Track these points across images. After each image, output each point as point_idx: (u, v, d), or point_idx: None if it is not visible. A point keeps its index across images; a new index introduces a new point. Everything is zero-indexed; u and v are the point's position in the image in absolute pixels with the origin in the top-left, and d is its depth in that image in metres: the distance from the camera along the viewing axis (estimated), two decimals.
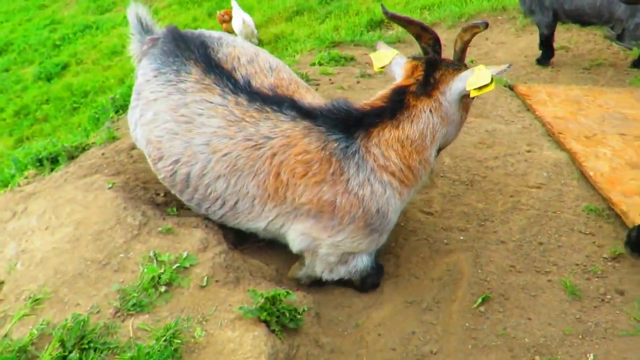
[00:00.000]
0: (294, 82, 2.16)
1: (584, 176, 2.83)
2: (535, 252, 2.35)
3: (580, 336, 1.93)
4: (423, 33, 1.89)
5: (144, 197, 2.33)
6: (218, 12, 8.06)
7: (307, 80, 4.13)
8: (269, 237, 2.13)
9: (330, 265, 2.04)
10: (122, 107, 4.19)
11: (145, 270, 1.80)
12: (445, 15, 6.38)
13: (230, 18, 7.67)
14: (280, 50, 7.11)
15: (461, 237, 2.47)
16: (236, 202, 1.96)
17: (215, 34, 2.29)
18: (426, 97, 1.89)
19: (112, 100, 4.35)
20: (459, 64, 1.93)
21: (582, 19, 4.33)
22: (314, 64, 4.74)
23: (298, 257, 2.13)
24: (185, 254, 1.91)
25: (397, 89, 1.94)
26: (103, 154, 2.82)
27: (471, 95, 1.83)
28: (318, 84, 4.07)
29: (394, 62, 2.02)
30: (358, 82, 4.13)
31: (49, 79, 8.80)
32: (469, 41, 1.87)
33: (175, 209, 2.32)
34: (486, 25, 1.77)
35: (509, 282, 2.20)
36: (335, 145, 1.85)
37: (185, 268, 1.87)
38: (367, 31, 6.70)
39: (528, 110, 3.69)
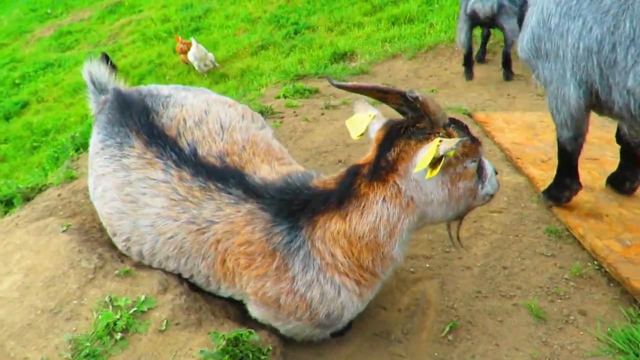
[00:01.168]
0: (250, 144, 1.95)
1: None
2: (499, 277, 2.37)
3: (547, 359, 1.93)
4: (384, 96, 1.60)
5: (102, 239, 2.25)
6: (177, 40, 8.34)
7: (272, 113, 4.16)
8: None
9: (297, 337, 1.93)
10: (82, 146, 4.09)
11: (100, 316, 1.71)
12: (405, 47, 6.61)
13: (189, 49, 7.86)
14: (246, 83, 7.18)
15: (427, 265, 2.47)
16: (191, 277, 1.92)
17: (164, 90, 2.17)
18: (379, 182, 1.58)
19: (72, 138, 4.25)
20: (430, 130, 1.54)
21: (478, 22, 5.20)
22: (278, 97, 4.79)
23: None
24: (143, 297, 1.83)
25: (350, 170, 1.67)
26: (59, 194, 2.72)
27: (428, 176, 1.50)
28: (283, 117, 4.10)
29: (370, 128, 1.69)
30: (322, 114, 4.18)
31: (7, 118, 8.58)
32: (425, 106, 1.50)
33: None
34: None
35: (475, 308, 2.20)
36: (280, 238, 1.64)
37: (143, 312, 1.79)
38: (331, 63, 6.87)
39: (487, 136, 3.80)
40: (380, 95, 1.60)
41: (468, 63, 5.49)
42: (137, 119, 1.96)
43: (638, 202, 2.78)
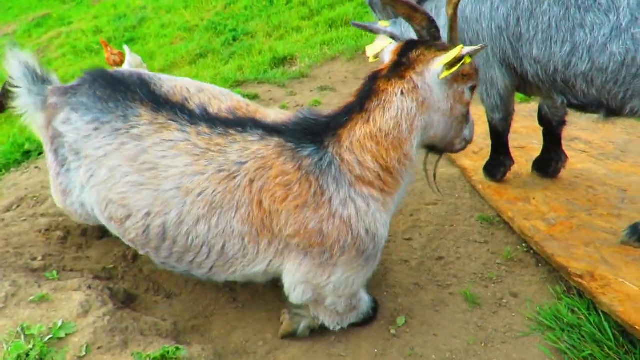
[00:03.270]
0: (251, 104, 1.99)
1: (474, 189, 2.99)
2: (436, 267, 2.41)
3: (482, 344, 1.97)
4: (413, 14, 1.68)
5: (17, 264, 2.08)
6: (106, 48, 7.39)
7: None
8: (266, 280, 1.92)
9: (340, 316, 1.93)
10: (4, 167, 3.82)
11: (9, 348, 1.57)
12: (343, 49, 6.68)
13: (122, 59, 7.29)
14: None
15: None
16: (223, 246, 1.74)
17: (149, 72, 2.07)
18: (398, 78, 1.68)
19: None
20: (448, 45, 1.72)
21: None
22: None
23: (204, 298, 1.99)
24: (60, 323, 1.70)
25: (369, 76, 1.76)
26: None
27: (441, 76, 1.64)
28: None
29: (386, 50, 1.83)
30: None
31: None
32: (454, 16, 1.71)
33: (55, 273, 2.10)
34: None
35: (415, 300, 2.22)
36: (310, 161, 1.67)
37: (60, 339, 1.66)
38: (271, 68, 6.82)
39: None
40: (411, 12, 1.68)
41: None
42: (138, 90, 1.86)
43: (562, 184, 2.93)
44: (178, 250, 1.78)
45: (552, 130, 2.85)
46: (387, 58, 1.78)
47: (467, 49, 1.62)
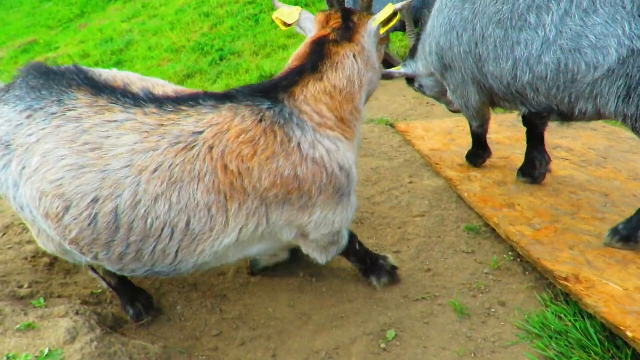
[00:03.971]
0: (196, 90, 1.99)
1: (461, 199, 3.03)
2: (425, 279, 2.42)
3: (472, 355, 1.98)
4: None
5: (3, 293, 2.07)
6: None
7: None
8: (236, 258, 1.91)
9: (326, 249, 2.08)
10: None
11: None
12: None
13: None
14: None
15: (354, 274, 2.48)
16: (188, 223, 1.64)
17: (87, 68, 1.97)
18: (348, 42, 1.90)
19: None
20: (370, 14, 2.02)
21: None
22: None
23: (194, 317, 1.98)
24: (47, 351, 1.68)
25: (314, 42, 1.91)
26: None
27: (381, 32, 1.93)
28: None
29: (302, 17, 2.03)
30: None
31: None
32: None
33: (42, 300, 2.08)
34: None
35: (405, 313, 2.22)
36: (271, 112, 1.73)
37: None
38: None
39: (408, 144, 3.93)
40: None
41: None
42: (74, 77, 1.75)
43: (545, 191, 2.97)
44: (135, 239, 1.64)
45: (535, 130, 3.00)
46: (310, 26, 2.03)
47: (398, 5, 1.92)
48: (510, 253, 2.51)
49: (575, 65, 2.11)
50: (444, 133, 4.03)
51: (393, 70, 3.26)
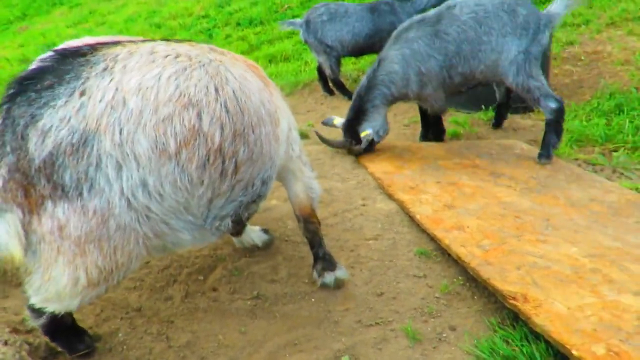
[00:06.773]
0: None
1: (412, 222, 3.09)
2: (378, 304, 2.43)
3: None
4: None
5: None
6: None
7: None
8: None
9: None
10: None
11: None
12: (282, 84, 6.77)
13: None
14: None
15: (312, 300, 2.45)
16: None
17: None
18: None
19: None
20: None
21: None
22: None
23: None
24: None
25: None
26: None
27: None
28: None
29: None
30: None
31: None
32: None
33: None
34: None
35: (358, 339, 2.21)
36: None
37: None
38: None
39: (361, 167, 3.98)
40: None
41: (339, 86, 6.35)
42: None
43: (492, 214, 3.09)
44: None
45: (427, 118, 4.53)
46: None
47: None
48: (459, 277, 2.57)
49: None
50: (395, 156, 4.12)
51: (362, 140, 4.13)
